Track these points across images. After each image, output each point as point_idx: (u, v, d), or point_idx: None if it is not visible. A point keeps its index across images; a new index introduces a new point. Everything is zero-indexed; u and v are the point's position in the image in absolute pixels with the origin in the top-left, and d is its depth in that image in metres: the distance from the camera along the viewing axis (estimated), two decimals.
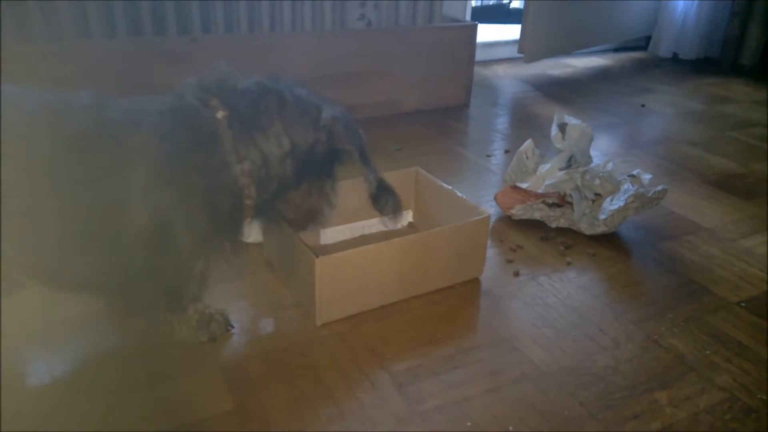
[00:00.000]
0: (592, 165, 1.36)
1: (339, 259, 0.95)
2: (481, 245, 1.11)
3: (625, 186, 1.31)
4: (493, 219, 1.36)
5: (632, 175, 1.33)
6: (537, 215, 1.32)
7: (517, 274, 1.15)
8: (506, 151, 1.75)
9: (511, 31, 2.91)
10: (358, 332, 0.97)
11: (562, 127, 1.40)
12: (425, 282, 1.07)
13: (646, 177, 1.32)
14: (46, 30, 1.53)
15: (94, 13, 1.57)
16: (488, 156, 1.71)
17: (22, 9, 1.48)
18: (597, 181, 1.32)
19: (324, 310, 0.98)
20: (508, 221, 1.35)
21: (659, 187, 1.29)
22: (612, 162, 1.37)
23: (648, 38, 3.01)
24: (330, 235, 1.22)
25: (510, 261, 1.20)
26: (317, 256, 0.93)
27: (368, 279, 1.00)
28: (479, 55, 2.32)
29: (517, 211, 1.33)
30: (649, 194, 1.27)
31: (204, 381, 0.86)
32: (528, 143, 1.40)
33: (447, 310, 1.04)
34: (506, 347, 0.96)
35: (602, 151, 1.78)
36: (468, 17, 2.58)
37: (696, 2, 2.77)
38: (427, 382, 0.88)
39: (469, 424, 0.81)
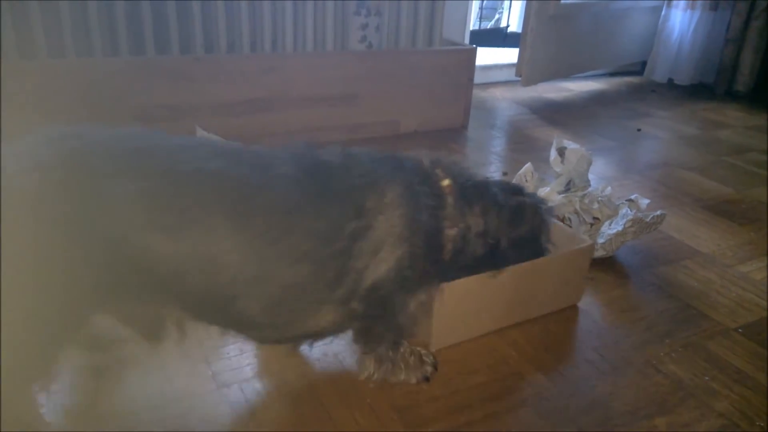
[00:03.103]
0: (590, 189, 1.38)
1: (463, 285, 0.95)
2: (582, 272, 1.12)
3: (623, 210, 1.32)
4: None
5: (630, 200, 1.34)
6: None
7: None
8: (504, 174, 1.76)
9: (509, 55, 2.94)
10: (356, 354, 0.97)
11: (561, 151, 1.42)
12: (531, 308, 1.08)
13: (644, 201, 1.34)
14: (48, 47, 1.54)
15: (97, 31, 1.58)
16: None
17: (24, 25, 1.50)
18: (595, 205, 1.33)
19: (439, 336, 0.99)
20: None
21: (657, 212, 1.30)
22: (610, 186, 1.39)
23: (644, 63, 3.06)
24: None
25: None
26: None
27: (481, 305, 1.01)
28: (477, 78, 2.35)
29: None
30: (648, 219, 1.28)
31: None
32: (527, 166, 1.42)
33: None
34: (506, 372, 0.96)
35: (599, 174, 1.79)
36: (467, 41, 2.61)
37: (691, 29, 2.82)
38: (427, 407, 0.88)
39: None
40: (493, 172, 1.78)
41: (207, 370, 0.92)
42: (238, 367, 0.93)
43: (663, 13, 2.88)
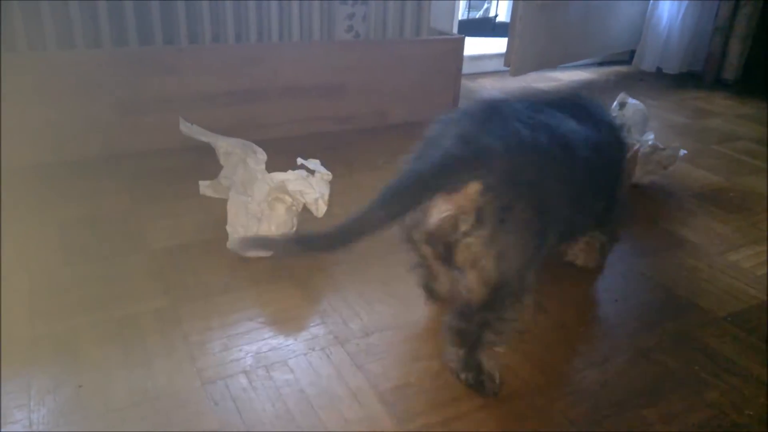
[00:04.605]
0: (644, 137, 1.63)
1: None
2: None
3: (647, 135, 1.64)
4: None
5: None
6: None
7: None
8: None
9: (498, 45, 2.92)
10: (344, 348, 0.96)
11: (622, 105, 1.68)
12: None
13: (683, 151, 1.66)
14: (29, 39, 1.51)
15: (79, 22, 1.55)
16: None
17: (5, 18, 1.46)
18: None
19: None
20: None
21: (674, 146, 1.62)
22: (653, 134, 1.65)
23: (632, 52, 3.05)
24: None
25: None
26: None
27: None
28: (466, 68, 2.33)
29: None
30: (662, 147, 1.59)
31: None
32: None
33: (434, 324, 1.03)
34: (495, 363, 0.95)
35: None
36: (455, 30, 2.59)
37: (679, 18, 2.81)
38: (416, 400, 0.87)
39: None
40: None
41: (191, 367, 0.90)
42: (222, 363, 0.92)
43: (651, 1, 2.87)
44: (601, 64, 3.12)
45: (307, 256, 1.19)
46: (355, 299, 1.09)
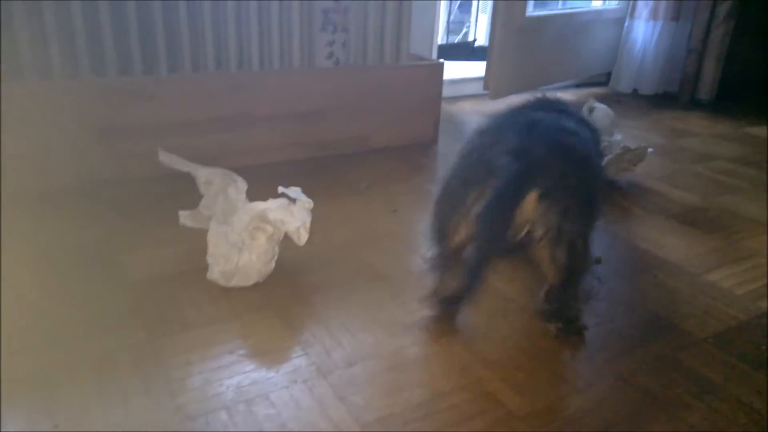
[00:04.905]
0: (613, 138, 1.81)
1: None
2: None
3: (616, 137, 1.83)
4: None
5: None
6: None
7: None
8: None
9: (477, 68, 2.96)
10: (327, 380, 0.95)
11: (591, 110, 1.87)
12: None
13: (650, 149, 1.87)
14: (7, 69, 1.49)
15: (57, 51, 1.54)
16: None
17: None
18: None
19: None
20: None
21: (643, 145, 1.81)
22: (621, 135, 1.85)
23: (609, 74, 3.10)
24: None
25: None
26: None
27: None
28: (446, 92, 2.35)
29: None
30: (633, 147, 1.78)
31: None
32: None
33: (418, 351, 1.03)
34: (479, 392, 0.95)
35: None
36: (435, 55, 2.62)
37: (654, 40, 2.87)
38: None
39: None
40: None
41: (171, 403, 0.89)
42: (203, 398, 0.90)
43: (626, 24, 2.94)
44: (578, 86, 3.17)
45: (291, 286, 1.19)
46: (337, 328, 1.08)
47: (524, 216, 0.97)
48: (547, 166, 0.97)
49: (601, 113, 1.86)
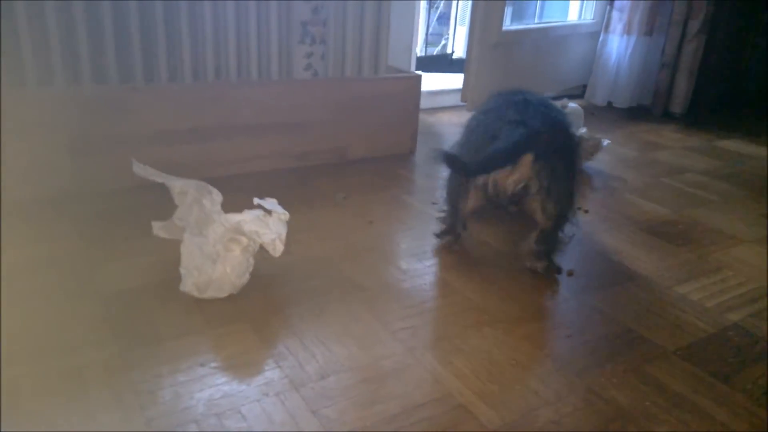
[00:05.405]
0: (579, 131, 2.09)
1: None
2: None
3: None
4: (440, 271, 1.37)
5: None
6: None
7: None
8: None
9: (455, 80, 2.99)
10: (299, 393, 0.95)
11: (563, 107, 2.06)
12: None
13: (605, 141, 2.19)
14: None
15: (31, 60, 1.52)
16: (434, 204, 1.73)
17: None
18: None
19: None
20: (457, 271, 1.36)
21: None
22: (585, 129, 2.14)
23: (584, 87, 3.15)
24: None
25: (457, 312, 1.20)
26: None
27: None
28: (424, 103, 2.37)
29: None
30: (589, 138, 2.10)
31: None
32: None
33: (392, 366, 1.03)
34: (451, 404, 0.95)
35: None
36: (413, 67, 2.64)
37: (627, 54, 2.93)
38: None
39: None
40: (440, 196, 1.79)
41: (140, 417, 0.88)
42: (173, 412, 0.89)
43: (601, 38, 2.99)
44: (554, 98, 3.20)
45: (266, 298, 1.19)
46: (311, 341, 1.08)
47: (522, 174, 1.21)
48: (540, 135, 1.20)
49: (572, 111, 2.22)
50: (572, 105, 2.25)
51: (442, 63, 3.30)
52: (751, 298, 1.34)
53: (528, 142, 1.19)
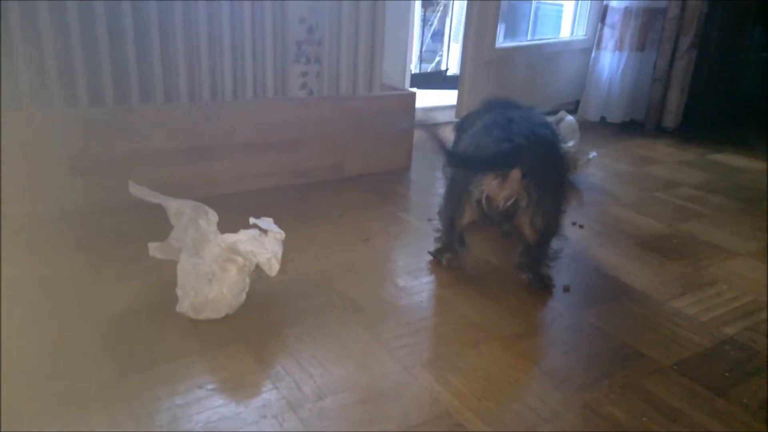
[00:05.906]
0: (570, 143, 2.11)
1: None
2: None
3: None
4: (437, 288, 1.37)
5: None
6: None
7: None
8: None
9: (450, 97, 3.01)
10: (297, 414, 0.95)
11: (559, 120, 2.15)
12: None
13: (593, 153, 2.21)
14: None
15: (26, 81, 1.53)
16: (429, 220, 1.74)
17: None
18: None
19: None
20: (453, 288, 1.36)
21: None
22: (573, 142, 2.13)
23: (577, 103, 3.18)
24: None
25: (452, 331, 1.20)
26: None
27: None
28: (419, 120, 2.39)
29: None
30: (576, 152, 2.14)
31: None
32: None
33: (389, 386, 1.03)
34: (449, 423, 0.95)
35: None
36: (408, 84, 2.66)
37: (620, 70, 2.96)
38: None
39: None
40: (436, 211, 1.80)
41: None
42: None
43: (593, 54, 3.02)
44: (547, 114, 3.22)
45: (262, 318, 1.19)
46: (308, 361, 1.08)
47: (512, 189, 1.25)
48: (528, 151, 1.23)
49: (566, 123, 2.20)
50: (569, 118, 2.25)
51: (437, 79, 3.32)
52: (747, 311, 1.34)
53: (515, 156, 1.23)
